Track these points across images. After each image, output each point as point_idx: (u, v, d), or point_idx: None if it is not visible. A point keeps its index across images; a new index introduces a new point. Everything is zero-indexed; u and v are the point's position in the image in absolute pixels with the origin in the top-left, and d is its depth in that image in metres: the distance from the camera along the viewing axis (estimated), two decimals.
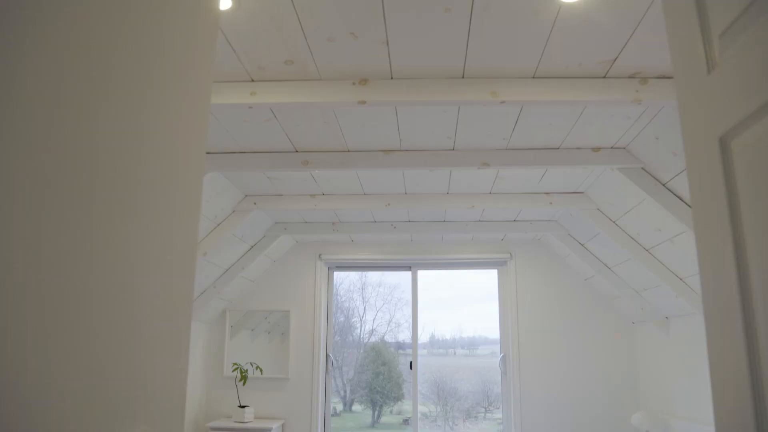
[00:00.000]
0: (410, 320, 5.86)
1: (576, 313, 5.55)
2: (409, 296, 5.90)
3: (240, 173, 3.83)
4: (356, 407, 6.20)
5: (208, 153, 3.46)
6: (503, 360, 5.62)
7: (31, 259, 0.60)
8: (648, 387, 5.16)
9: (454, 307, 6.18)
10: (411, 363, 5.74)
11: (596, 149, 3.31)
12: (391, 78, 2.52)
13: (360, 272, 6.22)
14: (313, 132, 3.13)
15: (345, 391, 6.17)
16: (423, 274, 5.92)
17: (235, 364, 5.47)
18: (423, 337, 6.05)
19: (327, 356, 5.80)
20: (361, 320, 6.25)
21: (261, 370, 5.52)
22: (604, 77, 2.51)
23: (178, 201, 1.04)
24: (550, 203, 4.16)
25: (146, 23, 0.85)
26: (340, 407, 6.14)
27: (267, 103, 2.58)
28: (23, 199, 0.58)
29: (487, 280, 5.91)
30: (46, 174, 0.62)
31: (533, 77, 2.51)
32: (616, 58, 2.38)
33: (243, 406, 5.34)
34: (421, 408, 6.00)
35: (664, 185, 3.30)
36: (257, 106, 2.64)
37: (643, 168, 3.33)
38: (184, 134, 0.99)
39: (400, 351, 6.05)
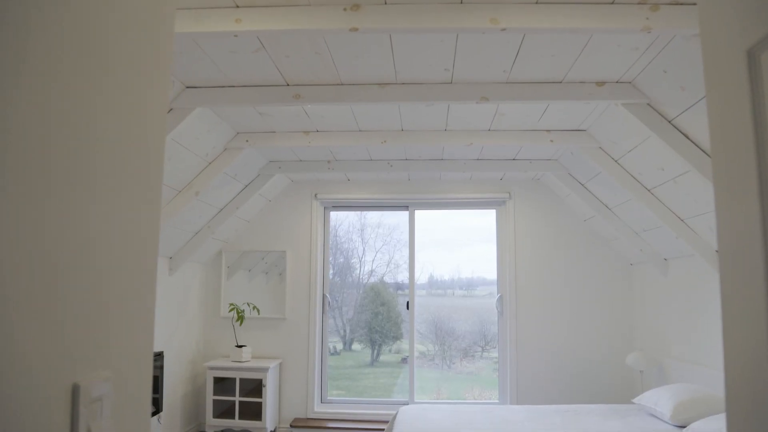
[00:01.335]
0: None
1: (574, 254, 5.51)
2: (408, 237, 5.85)
3: (230, 108, 3.69)
4: (356, 346, 6.26)
5: (195, 87, 3.32)
6: (500, 300, 5.62)
7: None
8: (644, 328, 5.18)
9: (453, 249, 6.15)
10: (408, 303, 5.74)
11: (600, 83, 3.16)
12: (385, 3, 2.36)
13: (359, 214, 6.15)
14: (305, 64, 2.98)
15: (345, 331, 6.23)
16: (421, 215, 5.86)
17: (231, 304, 5.47)
18: (422, 278, 6.05)
19: (324, 296, 5.80)
20: (360, 261, 6.24)
21: (258, 311, 5.53)
22: (612, 3, 2.34)
23: (141, 131, 0.94)
24: (551, 141, 4.04)
25: None
26: (339, 346, 6.20)
27: (253, 30, 2.42)
28: None
29: (486, 221, 5.85)
30: None
31: (536, 2, 2.35)
32: None
33: (240, 346, 5.38)
34: (419, 347, 6.06)
35: (669, 122, 3.17)
36: (243, 34, 2.48)
37: (648, 104, 3.19)
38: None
39: (399, 292, 6.07)
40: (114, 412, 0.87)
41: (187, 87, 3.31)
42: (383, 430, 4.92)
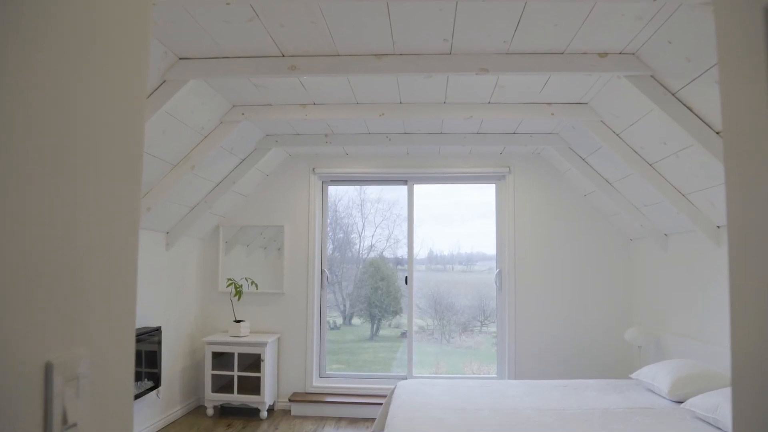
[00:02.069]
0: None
1: (574, 229, 5.47)
2: (407, 212, 5.81)
3: (225, 80, 3.62)
4: (355, 321, 6.27)
5: (188, 59, 3.25)
6: (499, 275, 5.60)
7: None
8: (643, 304, 5.17)
9: (453, 224, 6.11)
10: (406, 278, 5.73)
11: (603, 54, 3.09)
12: None
13: (359, 189, 6.10)
14: (300, 34, 2.91)
15: (344, 306, 6.23)
16: (420, 189, 5.80)
17: (229, 279, 5.45)
18: (421, 254, 6.03)
19: (322, 271, 5.78)
20: (360, 236, 6.21)
21: (256, 285, 5.51)
22: None
23: (120, 93, 0.89)
24: (552, 114, 3.97)
25: None
26: (339, 321, 6.21)
27: None
28: None
29: (485, 196, 5.81)
30: None
31: None
32: None
33: (238, 321, 5.37)
34: (419, 322, 6.07)
35: (673, 95, 3.10)
36: (236, 2, 2.42)
37: (652, 76, 3.12)
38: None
39: (399, 267, 6.05)
40: (93, 391, 0.84)
41: (180, 58, 3.23)
42: (381, 404, 4.94)
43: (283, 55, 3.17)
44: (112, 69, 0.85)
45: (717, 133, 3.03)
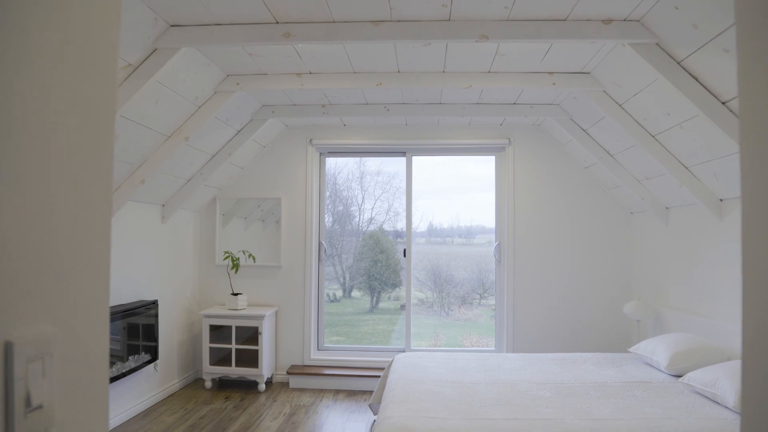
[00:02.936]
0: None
1: (574, 201, 5.41)
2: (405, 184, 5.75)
3: (218, 48, 3.52)
4: (355, 293, 6.26)
5: (180, 26, 3.15)
6: (498, 248, 5.56)
7: None
8: (642, 277, 5.13)
9: (453, 197, 6.06)
10: (404, 250, 5.69)
11: (607, 21, 2.99)
12: None
13: (358, 161, 6.02)
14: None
15: (344, 278, 6.21)
16: (419, 161, 5.73)
17: (226, 252, 5.41)
18: (421, 227, 5.99)
19: (320, 244, 5.74)
20: (359, 209, 6.16)
21: (254, 258, 5.47)
22: None
23: (88, 61, 0.82)
24: (553, 84, 3.87)
25: None
26: (339, 294, 6.19)
27: None
28: None
29: (486, 169, 5.73)
30: None
31: None
32: None
33: (236, 294, 5.35)
34: (418, 294, 6.05)
35: (678, 63, 3.01)
36: None
37: (657, 44, 3.03)
38: None
39: (398, 240, 6.01)
40: (62, 372, 0.79)
41: (172, 25, 3.14)
42: (379, 376, 4.94)
43: (277, 22, 3.07)
44: (80, 35, 0.78)
45: (723, 103, 2.95)
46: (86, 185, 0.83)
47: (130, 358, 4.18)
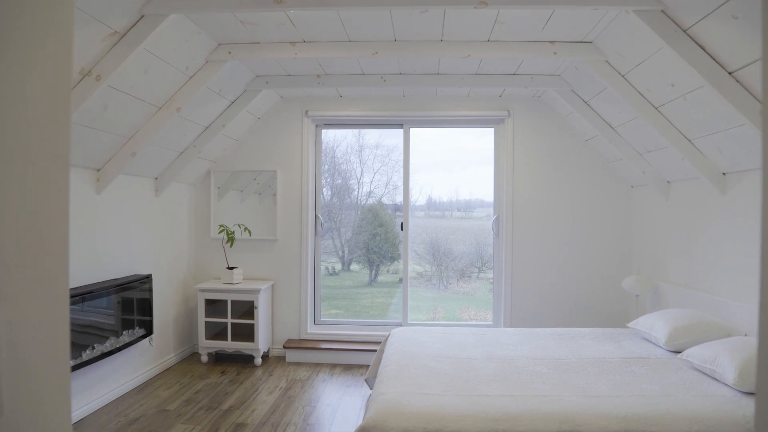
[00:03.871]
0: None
1: (574, 174, 5.33)
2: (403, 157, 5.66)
3: (208, 16, 3.40)
4: (354, 267, 6.23)
5: None
6: (496, 222, 5.50)
7: None
8: (642, 252, 5.08)
9: (452, 170, 5.97)
10: (402, 224, 5.62)
11: None
12: None
13: (357, 134, 5.92)
14: None
15: (343, 252, 6.17)
16: (417, 134, 5.63)
17: (221, 225, 5.35)
18: (420, 200, 5.93)
19: (316, 217, 5.67)
20: (358, 182, 6.09)
21: (249, 232, 5.41)
22: None
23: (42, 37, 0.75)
24: (554, 53, 3.76)
25: None
26: (338, 267, 6.15)
27: None
28: None
29: (485, 143, 5.64)
30: None
31: None
32: None
33: (231, 268, 5.30)
34: (417, 268, 6.01)
35: (684, 31, 2.91)
36: None
37: (662, 11, 2.92)
38: None
39: (397, 213, 5.95)
40: (16, 359, 0.72)
41: None
42: (376, 350, 4.92)
43: None
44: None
45: (730, 73, 2.85)
46: (40, 162, 0.75)
47: (124, 332, 4.15)
